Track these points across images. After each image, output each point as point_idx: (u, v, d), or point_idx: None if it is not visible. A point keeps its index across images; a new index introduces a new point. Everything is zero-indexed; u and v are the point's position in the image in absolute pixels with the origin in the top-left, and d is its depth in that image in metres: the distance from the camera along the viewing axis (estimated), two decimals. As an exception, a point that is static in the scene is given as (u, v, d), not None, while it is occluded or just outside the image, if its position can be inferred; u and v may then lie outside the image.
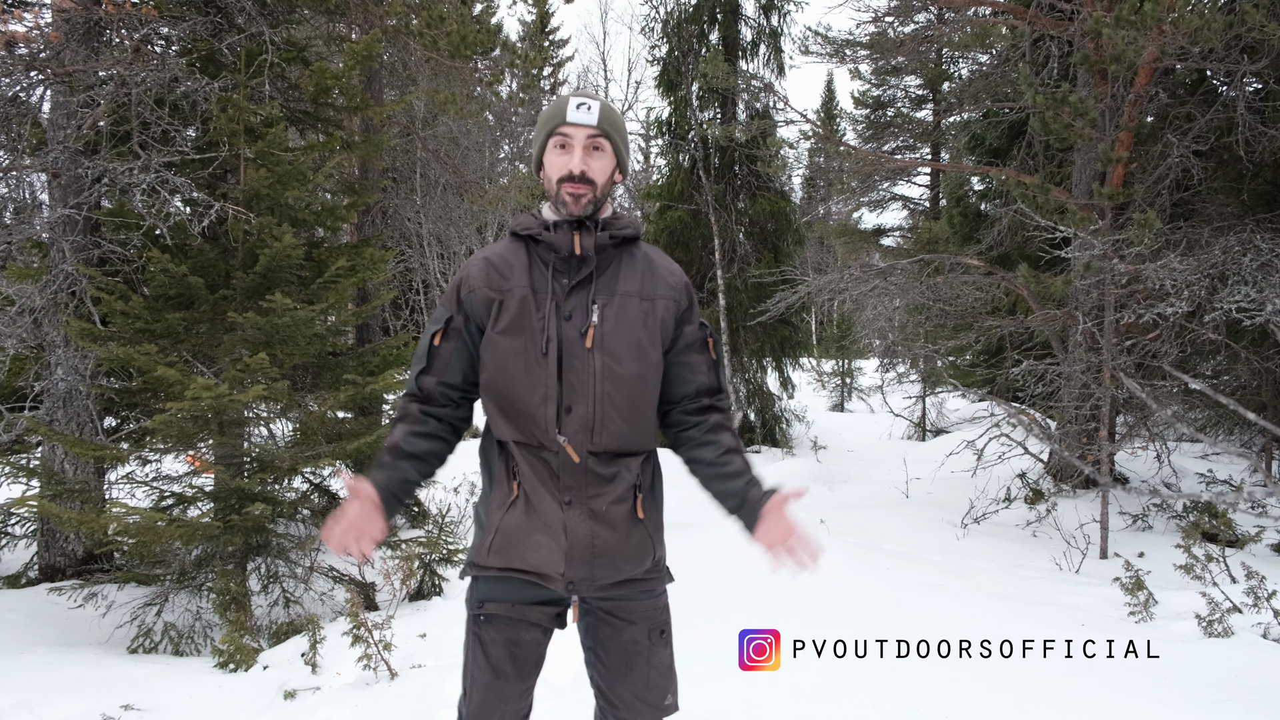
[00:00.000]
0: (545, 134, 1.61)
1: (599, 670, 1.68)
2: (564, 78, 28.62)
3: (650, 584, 1.70)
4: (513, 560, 1.57)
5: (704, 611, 4.04)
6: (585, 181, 1.57)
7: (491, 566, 1.60)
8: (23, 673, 3.77)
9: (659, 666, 1.69)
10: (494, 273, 1.62)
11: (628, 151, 1.68)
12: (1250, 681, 3.21)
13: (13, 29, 4.81)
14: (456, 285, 1.65)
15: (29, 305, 4.95)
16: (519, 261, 1.62)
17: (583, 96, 1.59)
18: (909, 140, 14.94)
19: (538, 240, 1.62)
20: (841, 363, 19.65)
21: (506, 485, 1.59)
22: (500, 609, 1.61)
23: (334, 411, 5.07)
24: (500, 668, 1.60)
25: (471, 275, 1.64)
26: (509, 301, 1.58)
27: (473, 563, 1.65)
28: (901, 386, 15.48)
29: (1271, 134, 6.59)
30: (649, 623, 1.68)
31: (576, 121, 1.57)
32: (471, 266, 1.66)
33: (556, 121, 1.59)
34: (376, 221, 8.18)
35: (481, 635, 1.62)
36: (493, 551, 1.58)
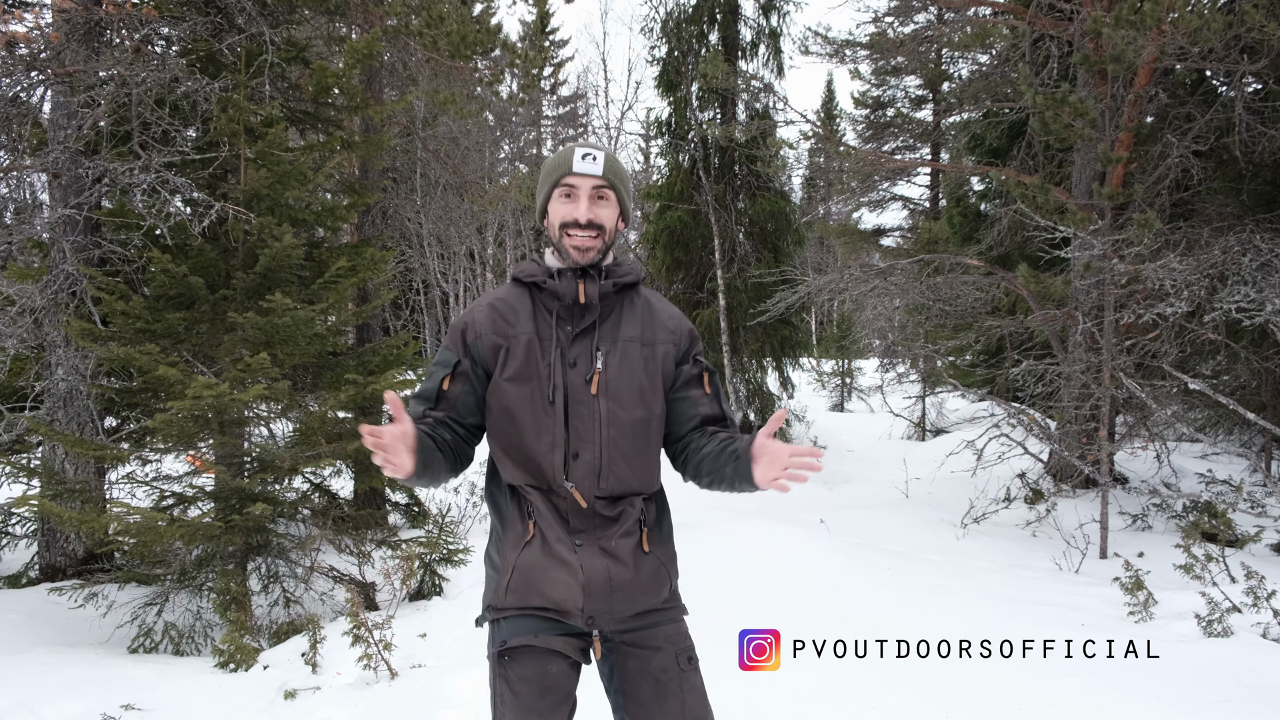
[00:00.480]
0: (551, 184, 1.64)
1: (630, 710, 1.62)
2: (564, 78, 28.63)
3: (670, 612, 1.69)
4: (532, 598, 1.56)
5: (704, 611, 4.04)
6: (593, 228, 1.62)
7: (510, 606, 1.58)
8: (23, 673, 3.77)
9: (694, 693, 1.64)
10: (499, 319, 1.64)
11: (631, 200, 1.72)
12: (1250, 681, 3.21)
13: (13, 29, 4.81)
14: (461, 330, 1.66)
15: (29, 305, 4.95)
16: (523, 308, 1.65)
17: (588, 147, 1.63)
18: (909, 140, 14.95)
19: (541, 288, 1.65)
20: (841, 363, 19.65)
21: (521, 525, 1.59)
22: (524, 640, 1.56)
23: (334, 411, 5.08)
24: (532, 704, 1.53)
25: (478, 321, 1.65)
26: (515, 348, 1.61)
27: (491, 606, 1.63)
28: (901, 386, 15.49)
29: (1271, 134, 6.59)
30: (675, 647, 1.66)
31: (582, 172, 1.61)
32: (477, 312, 1.68)
33: (563, 171, 1.62)
34: (376, 221, 8.18)
35: (508, 675, 1.56)
36: (510, 591, 1.57)
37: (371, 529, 5.30)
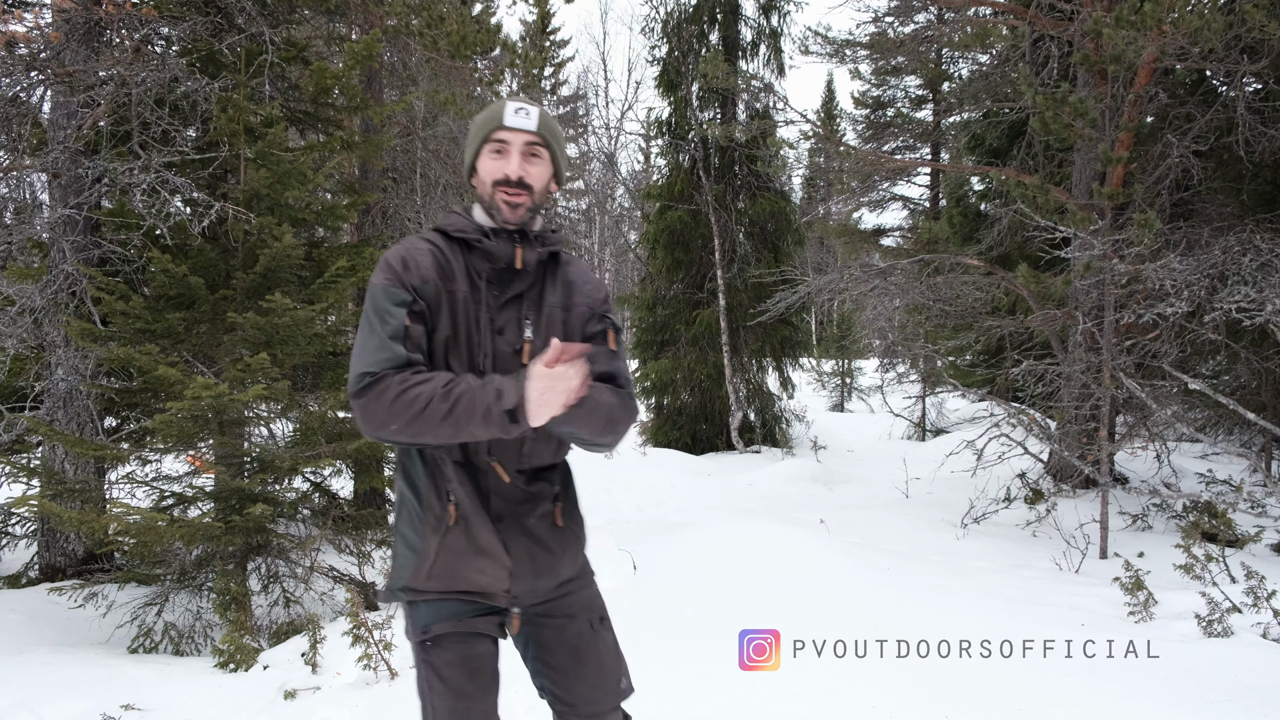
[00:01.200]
0: (481, 139, 1.55)
1: (550, 676, 1.65)
2: (564, 78, 28.63)
3: (582, 579, 1.71)
4: (455, 584, 1.53)
5: (703, 611, 4.04)
6: (522, 187, 1.53)
7: (431, 590, 1.54)
8: (23, 673, 3.77)
9: (608, 651, 1.69)
10: (439, 267, 1.52)
11: (565, 161, 1.65)
12: (1250, 681, 3.21)
13: (13, 29, 4.81)
14: (401, 268, 1.49)
15: (29, 305, 4.95)
16: (457, 264, 1.55)
17: (521, 102, 1.55)
18: (909, 140, 14.95)
19: (473, 247, 1.55)
20: (841, 363, 19.65)
21: (440, 507, 1.53)
22: (447, 627, 1.54)
23: (334, 411, 5.08)
24: (461, 688, 1.52)
25: (421, 263, 1.50)
26: (453, 304, 1.52)
27: (408, 587, 1.55)
28: (901, 386, 15.48)
29: (1271, 134, 6.60)
30: (589, 613, 1.68)
31: (514, 126, 1.52)
32: (416, 252, 1.52)
33: (493, 125, 1.53)
34: (376, 221, 8.17)
35: (433, 660, 1.53)
36: (432, 576, 1.53)
37: (371, 529, 5.30)
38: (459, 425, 1.39)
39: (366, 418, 1.42)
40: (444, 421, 1.39)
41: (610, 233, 22.69)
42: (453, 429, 1.40)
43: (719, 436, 12.88)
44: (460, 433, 1.40)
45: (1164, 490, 6.61)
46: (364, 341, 1.45)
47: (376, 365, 1.42)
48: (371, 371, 1.42)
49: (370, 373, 1.42)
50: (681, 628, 3.79)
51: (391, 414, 1.39)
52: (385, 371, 1.42)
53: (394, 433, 1.41)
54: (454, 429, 1.40)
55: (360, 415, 1.43)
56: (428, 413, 1.38)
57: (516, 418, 1.38)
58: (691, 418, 12.93)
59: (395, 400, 1.39)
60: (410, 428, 1.40)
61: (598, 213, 22.78)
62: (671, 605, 4.15)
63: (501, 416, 1.38)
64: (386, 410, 1.40)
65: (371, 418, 1.42)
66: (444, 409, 1.38)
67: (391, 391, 1.40)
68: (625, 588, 4.44)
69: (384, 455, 5.81)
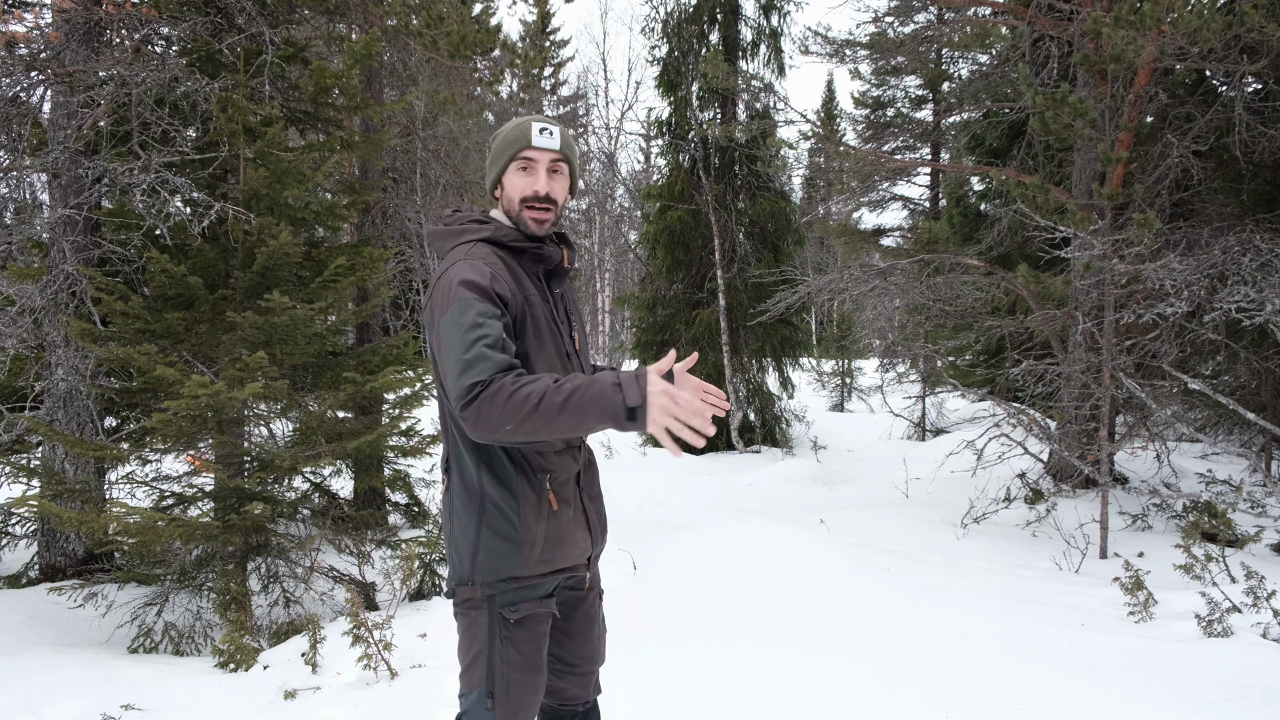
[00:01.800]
0: (509, 156, 1.67)
1: (560, 639, 1.82)
2: (564, 78, 28.63)
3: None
4: (557, 563, 1.69)
5: (703, 611, 4.04)
6: (549, 202, 1.67)
7: (536, 574, 1.66)
8: (23, 673, 3.77)
9: (603, 621, 1.92)
10: (512, 279, 1.62)
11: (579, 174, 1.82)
12: (1250, 681, 3.21)
13: (13, 29, 4.81)
14: (489, 285, 1.55)
15: (29, 305, 4.95)
16: (516, 270, 1.67)
17: (544, 121, 1.67)
18: (909, 140, 14.95)
19: (523, 251, 1.68)
20: (841, 363, 19.65)
21: (536, 496, 1.64)
22: (532, 608, 1.67)
23: (334, 411, 5.07)
24: (533, 663, 1.67)
25: (499, 278, 1.58)
26: (532, 310, 1.64)
27: (512, 578, 1.64)
28: (901, 386, 15.48)
29: (1271, 134, 6.60)
30: (597, 584, 1.90)
31: (541, 146, 1.65)
32: (493, 268, 1.59)
33: (521, 145, 1.66)
34: (376, 221, 8.17)
35: (515, 637, 1.65)
36: (541, 561, 1.66)
37: (371, 529, 5.30)
38: (575, 419, 1.41)
39: (480, 422, 1.43)
40: (559, 416, 1.40)
41: (610, 233, 22.71)
42: (569, 422, 1.41)
43: (719, 436, 12.87)
44: (576, 427, 1.42)
45: (1164, 490, 6.61)
46: (459, 357, 1.47)
47: (483, 374, 1.44)
48: (478, 381, 1.44)
49: (477, 383, 1.44)
50: (681, 627, 3.79)
51: (506, 414, 1.41)
52: (493, 377, 1.44)
53: (509, 433, 1.42)
54: (570, 422, 1.41)
55: (474, 421, 1.44)
56: (542, 408, 1.40)
57: (635, 416, 1.40)
58: (691, 418, 12.91)
59: (509, 400, 1.41)
60: (525, 424, 1.41)
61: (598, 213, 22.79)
62: (671, 605, 4.15)
63: (621, 412, 1.40)
64: (501, 411, 1.41)
65: (486, 421, 1.43)
66: (558, 402, 1.40)
67: (504, 392, 1.41)
68: (625, 588, 4.44)
69: (383, 456, 5.81)
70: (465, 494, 1.66)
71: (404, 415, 5.46)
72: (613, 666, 3.02)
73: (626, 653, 3.35)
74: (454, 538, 1.69)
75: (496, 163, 1.70)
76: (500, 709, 1.66)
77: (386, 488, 6.46)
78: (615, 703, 2.88)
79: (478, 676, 1.67)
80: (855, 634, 3.68)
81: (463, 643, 1.71)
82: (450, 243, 1.69)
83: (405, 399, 5.50)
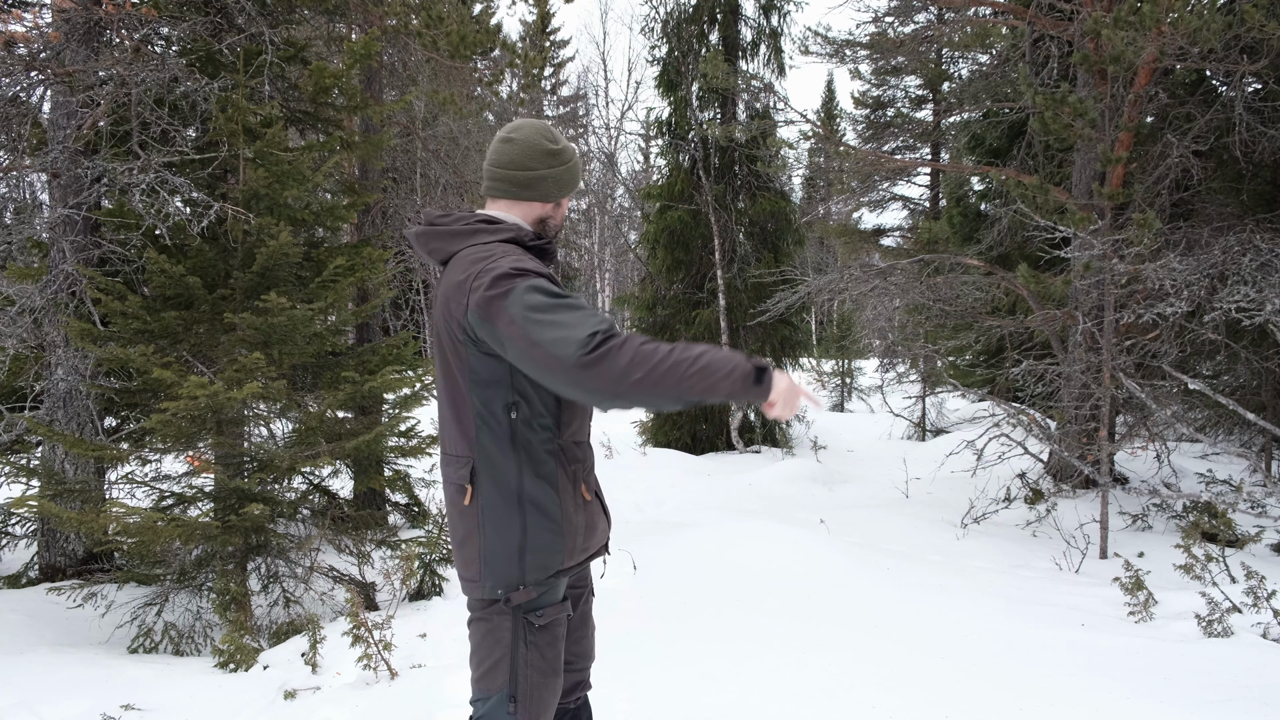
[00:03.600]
0: (574, 188, 1.85)
1: None
2: (564, 78, 28.63)
3: None
4: (590, 549, 1.77)
5: (703, 611, 4.04)
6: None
7: (575, 563, 1.72)
8: (23, 673, 3.77)
9: (592, 617, 1.96)
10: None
11: None
12: (1250, 681, 3.21)
13: (13, 29, 4.81)
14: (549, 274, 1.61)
15: (29, 305, 4.95)
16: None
17: None
18: (909, 140, 14.94)
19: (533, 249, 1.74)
20: (841, 363, 19.65)
21: (573, 487, 1.70)
22: (555, 611, 1.70)
23: (333, 411, 5.07)
24: (555, 665, 1.70)
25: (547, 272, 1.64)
26: None
27: (562, 570, 1.68)
28: (901, 386, 15.48)
29: (1271, 134, 6.59)
30: (591, 582, 1.95)
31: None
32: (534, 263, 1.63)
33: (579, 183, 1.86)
34: (376, 221, 8.17)
35: (538, 640, 1.67)
36: (581, 549, 1.73)
37: (371, 529, 5.30)
38: (704, 379, 1.41)
39: (604, 371, 1.39)
40: (691, 371, 1.40)
41: (610, 233, 22.70)
42: (700, 379, 1.40)
43: (719, 436, 12.88)
44: (704, 388, 1.41)
45: (1164, 490, 6.61)
46: (562, 317, 1.45)
47: (598, 325, 1.43)
48: (600, 330, 1.42)
49: (599, 330, 1.42)
50: (681, 627, 3.79)
51: (636, 363, 1.39)
52: (612, 331, 1.43)
53: (632, 384, 1.39)
54: (701, 380, 1.40)
55: (596, 370, 1.39)
56: (672, 363, 1.40)
57: (762, 379, 1.44)
58: (691, 417, 12.92)
59: (639, 350, 1.40)
60: (650, 377, 1.39)
61: (598, 213, 22.79)
62: (671, 605, 4.15)
63: (752, 372, 1.43)
64: (630, 360, 1.39)
65: (610, 369, 1.39)
66: (689, 358, 1.40)
67: (633, 343, 1.41)
68: (625, 588, 4.44)
69: (383, 456, 5.81)
70: (500, 500, 1.63)
71: (403, 415, 5.46)
72: (613, 666, 3.02)
73: (626, 653, 3.35)
74: (489, 546, 1.64)
75: (568, 186, 1.81)
76: (523, 712, 1.67)
77: (386, 488, 6.46)
78: (615, 702, 2.88)
79: (499, 681, 1.66)
80: (855, 634, 3.68)
81: (481, 648, 1.69)
82: (459, 244, 1.67)
83: (405, 399, 5.50)
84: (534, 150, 1.74)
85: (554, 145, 1.76)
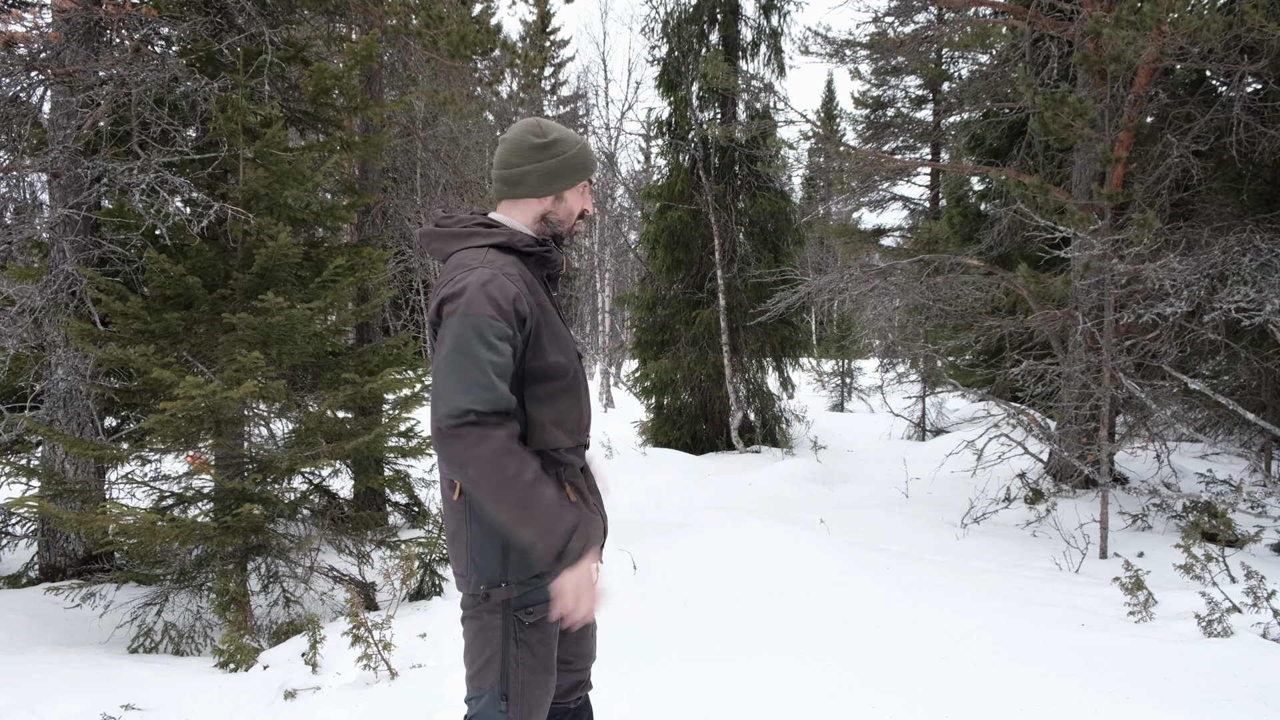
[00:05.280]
0: (584, 177, 1.79)
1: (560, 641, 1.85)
2: (564, 78, 28.62)
3: None
4: None
5: (703, 611, 4.04)
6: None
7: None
8: (23, 673, 3.77)
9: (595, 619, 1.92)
10: (528, 289, 1.66)
11: None
12: (1250, 681, 3.21)
13: (13, 29, 4.81)
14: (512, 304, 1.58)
15: (29, 305, 4.95)
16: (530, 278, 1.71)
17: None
18: (909, 140, 14.95)
19: (531, 255, 1.73)
20: (841, 363, 19.65)
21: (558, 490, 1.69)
22: (545, 608, 1.68)
23: (333, 411, 5.07)
24: (547, 664, 1.71)
25: (521, 294, 1.61)
26: (548, 316, 1.70)
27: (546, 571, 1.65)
28: (901, 386, 15.49)
29: (1271, 134, 6.59)
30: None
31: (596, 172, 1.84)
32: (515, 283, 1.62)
33: (593, 169, 1.81)
34: (376, 221, 8.18)
35: (529, 639, 1.67)
36: None
37: (371, 529, 5.30)
38: (519, 517, 1.49)
39: (451, 451, 1.45)
40: (514, 507, 1.48)
41: (610, 233, 22.70)
42: (511, 515, 1.50)
43: (719, 436, 12.88)
44: (514, 523, 1.51)
45: (1164, 490, 6.61)
46: (463, 372, 1.47)
47: (482, 404, 1.45)
48: (478, 410, 1.45)
49: (477, 410, 1.45)
50: (681, 627, 3.79)
51: (479, 465, 1.45)
52: (491, 416, 1.46)
53: (464, 477, 1.49)
54: (513, 516, 1.50)
55: (446, 446, 1.45)
56: (506, 488, 1.47)
57: (560, 560, 1.53)
58: (691, 418, 12.93)
59: (493, 456, 1.45)
60: (482, 484, 1.47)
61: (598, 213, 22.80)
62: (671, 605, 4.15)
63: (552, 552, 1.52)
64: (479, 459, 1.45)
65: (456, 455, 1.45)
66: (524, 499, 1.48)
67: (493, 446, 1.45)
68: (625, 588, 4.44)
69: (383, 457, 5.81)
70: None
71: (403, 416, 5.46)
72: (613, 666, 3.02)
73: (626, 653, 3.35)
74: (474, 543, 1.66)
75: (570, 178, 1.76)
76: (514, 711, 1.67)
77: (386, 488, 6.46)
78: (615, 702, 2.88)
79: (490, 679, 1.67)
80: (855, 633, 3.68)
81: (473, 646, 1.70)
82: (455, 245, 1.69)
83: (405, 399, 5.50)
84: (519, 146, 1.74)
85: (540, 139, 1.73)
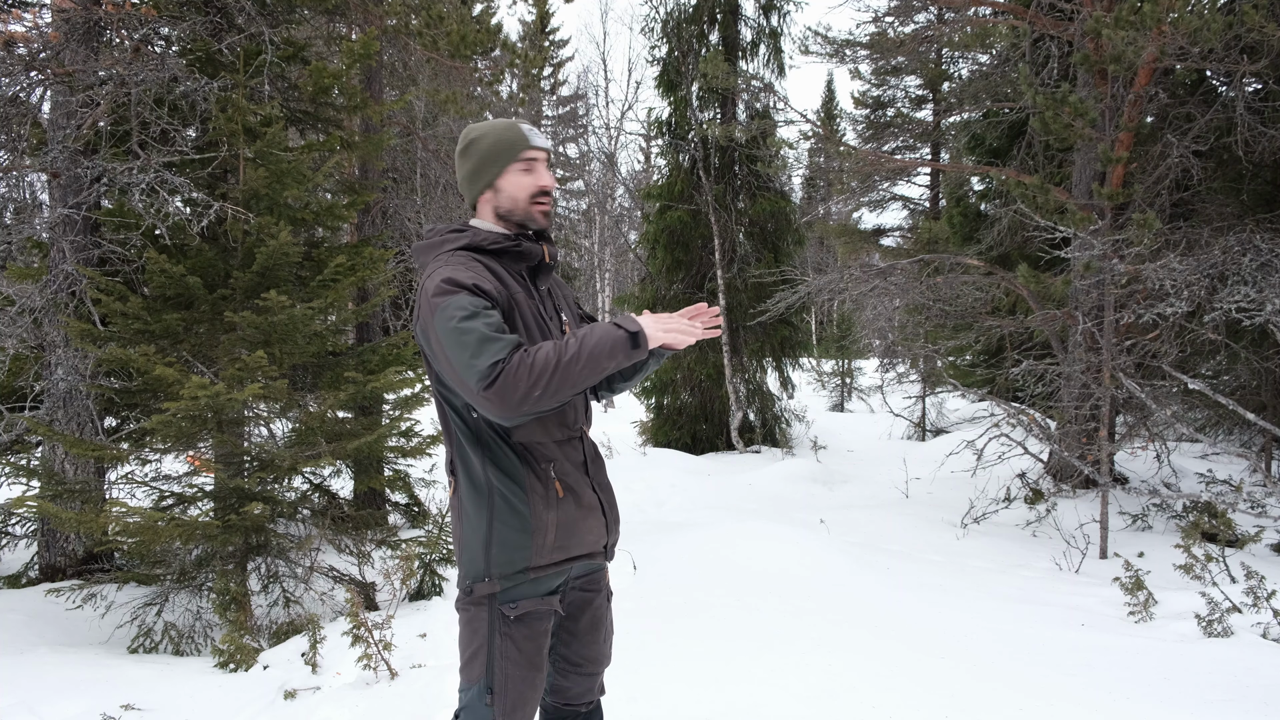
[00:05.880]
0: (510, 159, 1.74)
1: (565, 639, 1.85)
2: (564, 78, 28.61)
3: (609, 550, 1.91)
4: (572, 550, 1.73)
5: (703, 611, 4.04)
6: (550, 195, 1.79)
7: (550, 563, 1.70)
8: (23, 673, 3.77)
9: (611, 620, 1.95)
10: (494, 279, 1.67)
11: None
12: (1250, 681, 3.21)
13: (13, 29, 4.81)
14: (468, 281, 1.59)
15: (29, 305, 4.95)
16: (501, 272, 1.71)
17: (529, 124, 1.79)
18: (909, 140, 14.94)
19: (504, 252, 1.73)
20: (841, 363, 19.65)
21: (543, 486, 1.69)
22: (532, 605, 1.69)
23: (334, 411, 5.07)
24: (533, 660, 1.70)
25: (481, 274, 1.63)
26: (519, 309, 1.69)
27: (529, 568, 1.68)
28: (901, 386, 15.48)
29: (1271, 134, 6.59)
30: (607, 588, 1.92)
31: (539, 145, 1.76)
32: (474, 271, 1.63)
33: (523, 146, 1.75)
34: (376, 221, 8.18)
35: (514, 634, 1.68)
36: (555, 548, 1.70)
37: (371, 529, 5.29)
38: (592, 363, 1.52)
39: (506, 397, 1.49)
40: (580, 366, 1.51)
41: (610, 233, 22.69)
42: (589, 369, 1.52)
43: (719, 436, 12.88)
44: (596, 370, 1.53)
45: (1164, 490, 6.61)
46: (465, 344, 1.53)
47: (498, 353, 1.51)
48: (498, 358, 1.50)
49: (497, 359, 1.50)
50: (681, 627, 3.79)
51: (532, 381, 1.49)
52: (510, 355, 1.51)
53: (536, 400, 1.50)
54: (590, 368, 1.52)
55: (499, 398, 1.49)
56: (564, 364, 1.50)
57: (638, 341, 1.54)
58: (691, 418, 12.92)
59: (531, 368, 1.49)
60: (552, 383, 1.49)
61: (598, 213, 22.78)
62: (672, 605, 4.15)
63: (627, 339, 1.53)
64: (527, 380, 1.49)
65: (512, 395, 1.49)
66: (574, 354, 1.51)
67: (525, 363, 1.50)
68: (625, 588, 4.44)
69: (383, 456, 5.80)
70: (473, 492, 1.70)
71: (404, 416, 5.46)
72: (612, 666, 3.02)
73: (626, 653, 3.34)
74: (464, 537, 1.71)
75: (491, 167, 1.75)
76: (499, 704, 1.69)
77: (386, 488, 6.46)
78: (615, 703, 2.88)
79: (477, 672, 1.70)
80: (855, 633, 3.68)
81: (463, 638, 1.74)
82: (429, 255, 1.74)
83: (405, 399, 5.50)
84: (456, 157, 1.82)
85: (461, 144, 1.80)
